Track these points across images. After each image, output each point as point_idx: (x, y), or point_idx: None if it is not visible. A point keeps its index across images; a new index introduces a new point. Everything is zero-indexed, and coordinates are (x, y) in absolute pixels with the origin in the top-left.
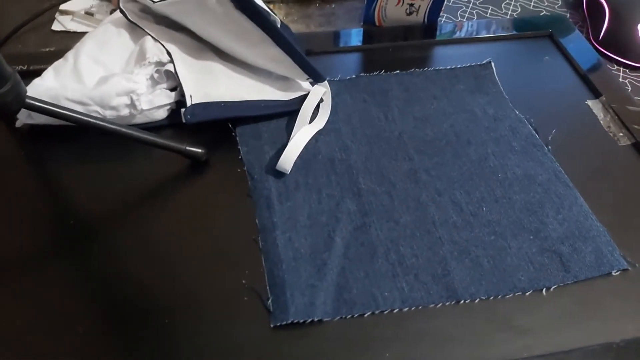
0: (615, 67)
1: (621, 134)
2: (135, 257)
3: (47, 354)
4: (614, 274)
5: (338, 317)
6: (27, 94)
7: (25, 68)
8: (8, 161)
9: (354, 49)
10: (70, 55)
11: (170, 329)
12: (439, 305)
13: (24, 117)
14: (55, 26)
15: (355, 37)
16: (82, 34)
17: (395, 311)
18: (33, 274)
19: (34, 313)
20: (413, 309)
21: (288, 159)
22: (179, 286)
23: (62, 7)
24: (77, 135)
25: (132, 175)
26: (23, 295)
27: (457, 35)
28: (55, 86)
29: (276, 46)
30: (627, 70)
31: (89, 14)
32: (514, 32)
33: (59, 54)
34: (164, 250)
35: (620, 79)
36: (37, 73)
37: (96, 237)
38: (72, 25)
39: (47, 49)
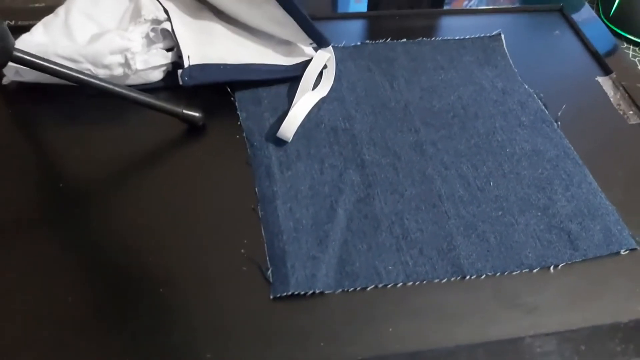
0: (625, 44)
1: (631, 112)
2: (128, 224)
3: (35, 322)
4: (622, 253)
5: (340, 290)
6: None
7: (12, 23)
8: None
9: (359, 16)
10: (61, 10)
11: (165, 299)
12: (444, 280)
13: (11, 74)
14: None
15: (361, 2)
16: None
17: (399, 285)
18: (21, 239)
19: (22, 280)
20: (417, 283)
21: (289, 127)
22: (175, 255)
23: None
24: (67, 95)
25: (125, 139)
26: (10, 261)
27: (466, 5)
28: (45, 42)
29: (280, 7)
30: (637, 49)
31: None
32: (525, 5)
33: (49, 10)
34: (158, 218)
35: (630, 57)
36: (26, 29)
37: (87, 203)
38: None
39: (37, 5)
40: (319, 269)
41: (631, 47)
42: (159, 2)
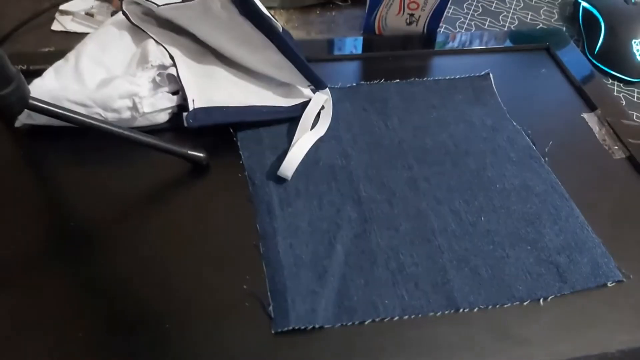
0: (610, 81)
1: (616, 147)
2: (135, 261)
3: (47, 358)
4: (609, 285)
5: (339, 325)
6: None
7: (24, 68)
8: (7, 162)
9: (354, 57)
10: (71, 56)
11: (170, 335)
12: (439, 313)
13: (23, 117)
14: (55, 26)
15: (355, 45)
16: (82, 34)
17: (395, 319)
18: (31, 277)
19: (32, 317)
20: (413, 317)
21: (290, 165)
22: (180, 291)
23: (62, 7)
24: (77, 137)
25: (132, 179)
26: (21, 299)
27: (456, 46)
28: (56, 87)
29: (279, 52)
30: (622, 85)
31: (89, 14)
32: (512, 45)
33: (59, 54)
34: (164, 255)
35: (615, 93)
36: (37, 73)
37: (96, 240)
38: (72, 26)
39: (47, 49)
40: (319, 303)
41: (616, 83)
42: (165, 48)
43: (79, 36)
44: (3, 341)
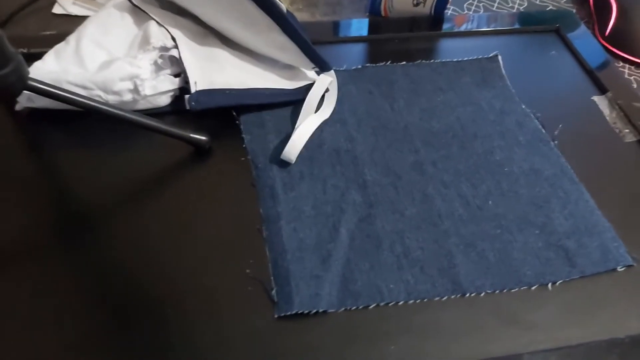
0: (621, 63)
1: (627, 131)
2: (137, 246)
3: (45, 345)
4: (619, 269)
5: (343, 309)
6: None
7: (25, 51)
8: (8, 145)
9: (360, 39)
10: (72, 38)
11: (173, 319)
12: (445, 298)
13: (24, 100)
14: (56, 9)
15: (361, 27)
16: (84, 17)
17: (400, 303)
18: (31, 262)
19: (33, 302)
20: (418, 301)
21: (293, 149)
22: (182, 276)
23: None
24: (78, 120)
25: (134, 162)
26: (21, 284)
27: (464, 27)
28: (56, 69)
29: (283, 34)
30: (633, 67)
31: None
32: (521, 26)
33: (60, 38)
34: (166, 239)
35: (626, 76)
36: (38, 56)
37: (97, 224)
38: (74, 9)
39: (48, 32)
40: (323, 288)
41: (627, 65)
42: (167, 29)
43: (80, 19)
44: (1, 323)
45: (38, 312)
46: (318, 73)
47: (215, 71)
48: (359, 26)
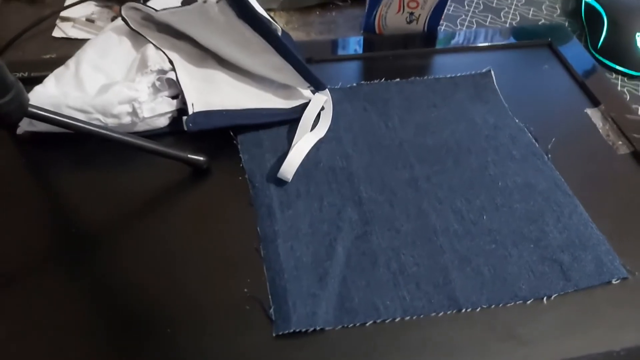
0: (614, 75)
1: (620, 143)
2: (136, 266)
3: None
4: (614, 282)
5: (340, 327)
6: (29, 101)
7: (26, 75)
8: (9, 168)
9: (355, 57)
10: (71, 62)
11: (172, 338)
12: (441, 314)
13: (25, 125)
14: (56, 33)
15: (355, 45)
16: (83, 40)
17: (397, 320)
18: (33, 283)
19: (35, 323)
20: (415, 318)
21: (290, 167)
22: (181, 295)
23: (63, 14)
24: (78, 142)
25: (133, 183)
26: (23, 305)
27: (457, 43)
28: (56, 94)
29: (278, 55)
30: (625, 79)
31: (90, 20)
32: (514, 41)
33: (60, 61)
34: (165, 259)
35: (619, 88)
36: (38, 80)
37: (97, 245)
38: (73, 32)
39: (48, 56)
40: (320, 306)
41: (619, 77)
42: (164, 52)
43: (80, 42)
44: (7, 344)
45: (38, 331)
46: (313, 92)
47: (212, 92)
48: (354, 44)
